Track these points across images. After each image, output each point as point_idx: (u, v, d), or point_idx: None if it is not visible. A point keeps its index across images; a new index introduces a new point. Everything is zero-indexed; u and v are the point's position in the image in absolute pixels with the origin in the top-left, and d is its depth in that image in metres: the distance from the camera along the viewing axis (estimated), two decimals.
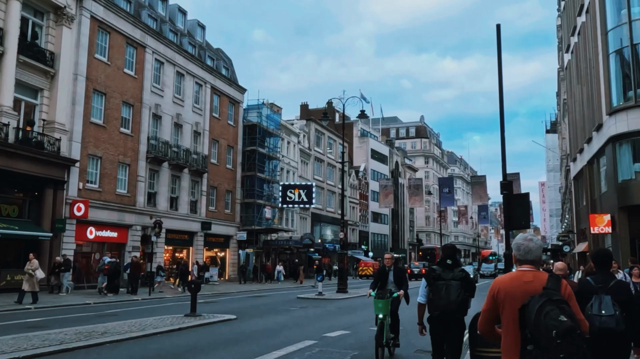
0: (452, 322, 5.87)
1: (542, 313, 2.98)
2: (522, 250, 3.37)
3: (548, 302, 3.01)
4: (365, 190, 72.84)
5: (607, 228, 22.88)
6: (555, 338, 2.89)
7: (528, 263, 3.36)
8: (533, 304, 3.04)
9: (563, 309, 2.99)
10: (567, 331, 2.90)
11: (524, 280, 3.26)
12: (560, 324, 2.91)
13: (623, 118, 21.92)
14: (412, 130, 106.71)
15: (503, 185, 12.35)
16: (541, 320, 2.96)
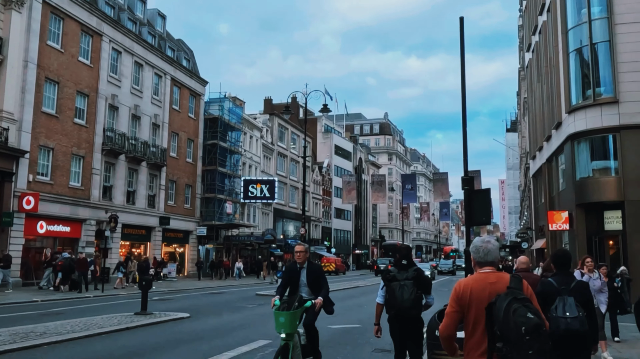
0: (408, 320, 5.99)
1: (510, 310, 3.05)
2: (482, 252, 3.44)
3: (514, 300, 3.09)
4: (329, 186, 72.66)
5: (564, 225, 23.16)
6: (525, 334, 2.97)
7: (488, 264, 3.44)
8: (500, 302, 3.11)
9: (529, 307, 3.08)
10: (535, 328, 2.99)
11: (488, 281, 3.34)
12: (529, 321, 3.00)
13: (582, 116, 22.17)
14: (376, 127, 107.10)
15: (464, 180, 12.15)
16: (510, 317, 3.03)
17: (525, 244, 40.21)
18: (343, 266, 58.70)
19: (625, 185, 20.76)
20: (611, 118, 21.26)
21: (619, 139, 21.14)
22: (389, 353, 9.27)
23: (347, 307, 17.64)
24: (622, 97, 21.11)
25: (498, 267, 3.47)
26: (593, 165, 22.46)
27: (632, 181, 20.67)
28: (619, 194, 20.94)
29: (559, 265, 5.11)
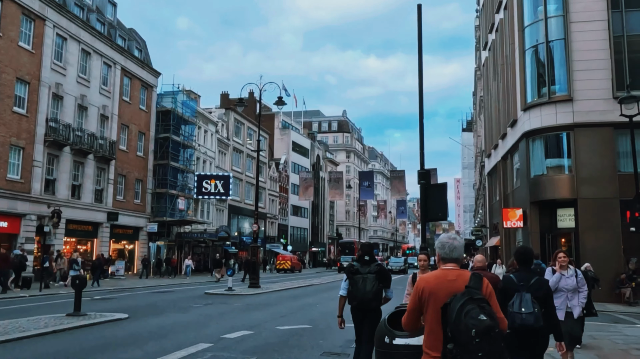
0: (369, 310, 6.42)
1: (462, 311, 3.01)
2: (447, 248, 3.40)
3: (469, 301, 3.04)
4: (286, 182, 71.84)
5: (519, 223, 23.15)
6: (475, 337, 2.93)
7: (452, 261, 3.39)
8: (455, 303, 3.07)
9: (483, 308, 3.03)
10: (486, 330, 2.94)
11: (447, 278, 3.28)
12: (480, 323, 2.95)
13: (537, 114, 22.16)
14: (334, 124, 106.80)
15: (420, 174, 11.66)
16: (461, 319, 2.99)
17: (479, 242, 40.45)
18: (299, 264, 58.02)
19: (578, 183, 20.84)
20: (565, 116, 21.31)
21: (573, 137, 21.21)
22: (339, 357, 8.67)
23: (299, 306, 17.00)
24: (577, 95, 21.19)
25: (462, 264, 3.51)
26: (547, 162, 22.51)
27: (585, 180, 20.77)
28: (572, 192, 21.01)
29: (521, 261, 5.27)
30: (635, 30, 21.38)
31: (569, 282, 7.40)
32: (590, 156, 20.85)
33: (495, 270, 17.79)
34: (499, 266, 18.79)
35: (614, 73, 20.98)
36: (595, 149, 20.84)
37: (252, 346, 9.33)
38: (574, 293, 7.42)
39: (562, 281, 7.36)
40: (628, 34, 21.32)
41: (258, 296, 20.24)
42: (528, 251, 5.44)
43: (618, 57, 21.16)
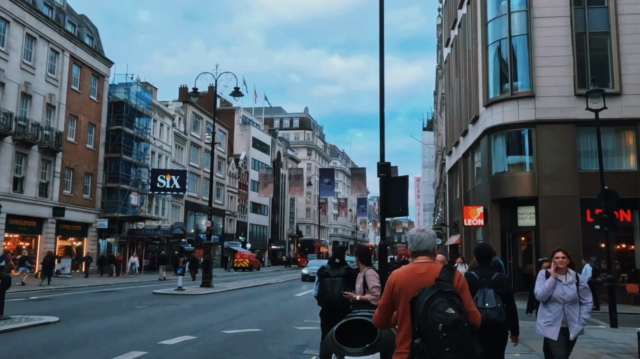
0: (337, 312, 6.46)
1: (430, 305, 2.92)
2: (415, 241, 3.34)
3: (438, 294, 2.96)
4: (245, 179, 70.49)
5: (479, 221, 22.76)
6: (442, 331, 2.84)
7: (422, 254, 3.30)
8: (423, 296, 2.98)
9: (452, 302, 2.94)
10: (453, 324, 2.86)
11: (418, 272, 3.21)
12: (447, 317, 2.86)
13: (499, 110, 21.79)
14: (296, 121, 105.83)
15: (380, 166, 10.86)
16: (428, 313, 2.90)
17: (439, 240, 40.25)
18: (257, 262, 56.98)
19: (540, 181, 20.55)
20: (527, 113, 20.99)
21: (535, 134, 20.91)
22: None
23: (252, 307, 16.04)
24: (539, 92, 20.88)
25: (433, 257, 3.33)
26: (509, 160, 22.17)
27: (546, 177, 20.48)
28: (533, 190, 20.70)
29: (481, 258, 5.42)
30: (597, 28, 21.22)
31: (568, 291, 5.61)
32: (552, 153, 20.57)
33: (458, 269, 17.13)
34: (461, 265, 18.20)
35: (576, 71, 20.76)
36: (557, 146, 20.57)
37: (191, 354, 8.36)
38: (573, 305, 5.63)
39: (557, 289, 5.61)
40: (590, 30, 21.14)
41: (209, 296, 19.16)
42: (487, 248, 5.61)
43: (580, 54, 20.95)
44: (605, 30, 21.03)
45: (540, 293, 5.69)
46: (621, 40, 20.64)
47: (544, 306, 5.74)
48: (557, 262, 5.73)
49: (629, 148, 21.06)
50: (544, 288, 5.67)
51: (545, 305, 5.72)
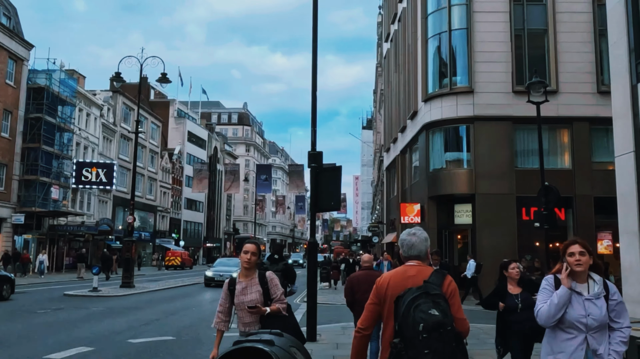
0: None
1: (413, 304, 2.85)
2: (406, 246, 3.28)
3: (424, 295, 2.89)
4: (180, 174, 68.08)
5: (416, 218, 22.20)
6: (422, 331, 2.75)
7: (413, 258, 3.25)
8: (407, 295, 2.92)
9: (437, 304, 2.85)
10: (435, 326, 2.76)
11: (408, 274, 3.17)
12: (429, 317, 2.78)
13: (438, 105, 21.31)
14: (234, 117, 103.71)
15: (311, 156, 9.89)
16: (410, 312, 2.83)
17: (376, 238, 39.88)
18: (190, 260, 54.97)
19: (477, 178, 20.19)
20: (466, 109, 20.60)
21: (473, 130, 20.54)
22: None
23: (172, 310, 14.67)
24: (477, 88, 20.53)
25: (426, 261, 3.26)
26: (447, 156, 21.74)
27: (483, 174, 20.15)
28: (471, 187, 20.33)
29: None
30: (536, 25, 21.10)
31: (593, 310, 3.41)
32: (489, 150, 20.27)
33: None
34: None
35: (514, 67, 20.54)
36: (494, 143, 20.28)
37: None
38: (600, 332, 3.44)
39: (575, 307, 3.44)
40: (528, 27, 20.99)
41: (127, 298, 17.57)
42: None
43: (518, 51, 20.76)
44: (543, 27, 20.93)
45: (546, 313, 3.48)
46: (558, 38, 20.58)
47: (552, 333, 3.56)
48: (571, 262, 3.47)
49: (564, 147, 21.06)
50: (552, 304, 3.45)
51: (554, 332, 3.53)
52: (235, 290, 4.27)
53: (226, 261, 34.06)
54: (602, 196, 20.20)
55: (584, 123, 20.36)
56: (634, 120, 7.58)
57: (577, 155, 20.35)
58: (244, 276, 4.29)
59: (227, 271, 25.25)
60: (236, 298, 4.25)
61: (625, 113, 7.78)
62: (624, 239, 7.91)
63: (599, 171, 20.29)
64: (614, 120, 8.09)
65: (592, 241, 20.09)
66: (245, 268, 4.29)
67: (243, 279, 4.29)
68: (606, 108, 20.41)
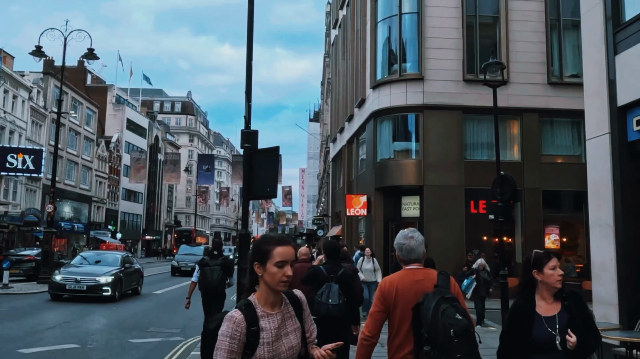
0: (215, 294, 8.29)
1: (438, 311, 2.88)
2: (405, 250, 3.26)
3: (442, 300, 2.91)
4: (118, 163, 64.93)
5: (362, 210, 21.23)
6: (454, 337, 2.81)
7: (413, 261, 3.25)
8: (428, 302, 2.94)
9: (457, 308, 2.91)
10: (463, 330, 2.83)
11: (415, 278, 3.18)
12: (458, 322, 2.84)
13: (386, 92, 20.34)
14: (178, 106, 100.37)
15: (245, 134, 8.57)
16: (438, 319, 2.87)
17: (321, 231, 38.83)
18: None
19: (425, 169, 19.36)
20: (415, 97, 19.72)
21: (422, 119, 19.69)
22: None
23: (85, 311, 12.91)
24: (427, 75, 19.69)
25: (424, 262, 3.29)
26: (395, 146, 20.84)
27: (432, 165, 19.34)
28: (419, 178, 19.49)
29: (329, 254, 5.78)
30: (487, 12, 20.45)
31: None
32: (438, 140, 19.47)
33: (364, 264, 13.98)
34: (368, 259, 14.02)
35: (465, 55, 19.80)
36: (444, 133, 19.50)
37: None
38: None
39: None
40: (480, 14, 20.31)
41: (37, 297, 15.61)
42: (335, 244, 6.03)
43: (470, 39, 20.04)
44: (495, 15, 20.29)
45: None
46: (510, 26, 19.97)
47: None
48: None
49: (514, 139, 20.52)
50: None
51: None
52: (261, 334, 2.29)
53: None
54: (550, 189, 19.87)
55: (533, 114, 19.87)
56: (610, 97, 6.69)
57: (526, 147, 19.85)
58: (272, 304, 2.39)
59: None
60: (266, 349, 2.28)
61: (600, 91, 6.89)
62: (595, 232, 7.03)
63: (548, 164, 19.89)
64: (585, 98, 7.20)
65: (540, 236, 19.67)
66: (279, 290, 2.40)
67: (271, 309, 2.38)
68: (556, 99, 20.09)
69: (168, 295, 18.11)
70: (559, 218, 20.64)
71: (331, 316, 5.14)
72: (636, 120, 6.32)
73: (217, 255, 8.47)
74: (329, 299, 5.17)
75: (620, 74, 6.53)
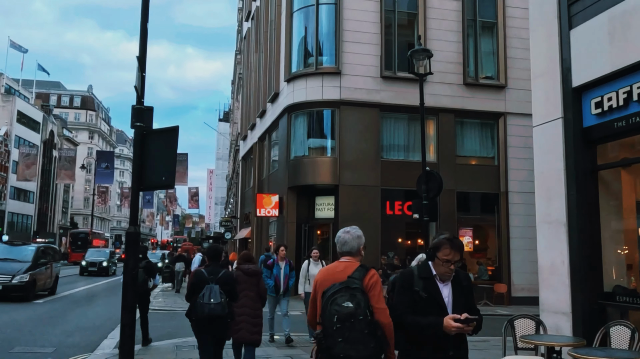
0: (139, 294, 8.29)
1: (331, 299, 3.07)
2: (340, 242, 3.48)
3: (344, 289, 3.09)
4: (6, 159, 59.21)
5: (274, 211, 19.93)
6: (336, 322, 2.99)
7: (345, 254, 3.44)
8: (329, 290, 3.12)
9: (354, 296, 3.06)
10: (347, 316, 2.99)
11: (336, 270, 3.35)
12: (342, 309, 3.01)
13: (302, 86, 19.23)
14: (77, 100, 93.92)
15: (136, 111, 7.05)
16: (328, 305, 3.07)
17: (228, 234, 37.08)
18: None
19: (341, 168, 18.43)
20: (332, 91, 18.78)
21: (338, 116, 18.77)
22: None
23: None
24: (345, 69, 18.83)
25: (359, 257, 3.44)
26: (309, 143, 19.75)
27: (348, 164, 18.45)
28: (334, 177, 18.53)
29: (211, 257, 6.22)
30: (406, 8, 19.92)
31: None
32: (355, 138, 18.63)
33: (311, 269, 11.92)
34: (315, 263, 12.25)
35: (383, 50, 19.12)
36: (360, 131, 18.69)
37: None
38: None
39: None
40: (399, 10, 19.74)
41: None
42: (217, 248, 6.53)
43: (388, 33, 19.40)
44: (413, 11, 19.80)
45: None
46: (428, 24, 19.54)
47: None
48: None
49: (429, 139, 20.05)
50: None
51: None
52: None
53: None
54: (464, 191, 19.62)
55: (449, 115, 19.56)
56: (563, 78, 5.90)
57: (442, 147, 19.48)
58: None
59: None
60: None
61: (551, 70, 6.09)
62: (544, 231, 6.22)
63: (462, 165, 19.64)
64: (533, 79, 6.40)
65: None
66: None
67: None
68: (472, 100, 19.91)
69: (51, 305, 15.86)
70: (472, 220, 20.47)
71: (214, 315, 5.52)
72: (595, 102, 5.59)
73: (141, 259, 8.92)
74: (211, 299, 5.50)
75: (575, 51, 5.77)
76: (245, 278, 6.42)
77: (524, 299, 18.95)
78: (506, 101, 19.98)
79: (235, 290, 5.92)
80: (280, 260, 9.86)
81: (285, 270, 9.83)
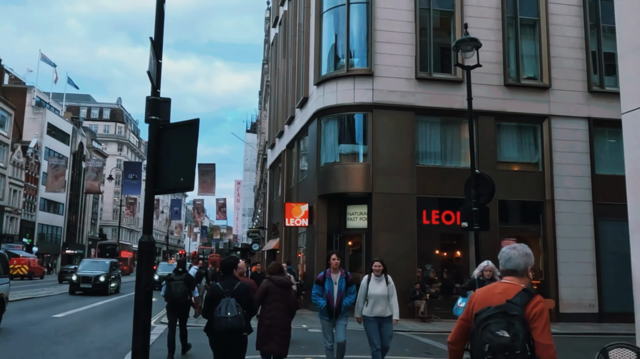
0: (179, 305, 9.30)
1: (483, 324, 2.80)
2: (503, 259, 3.13)
3: (500, 315, 2.79)
4: (36, 171, 59.77)
5: (303, 221, 18.94)
6: (487, 353, 2.72)
7: (508, 273, 3.09)
8: (483, 314, 2.86)
9: (511, 325, 2.74)
10: (500, 348, 2.69)
11: (495, 291, 3.04)
12: (496, 338, 2.72)
13: (332, 89, 18.29)
14: (106, 112, 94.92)
15: (151, 102, 6.16)
16: (479, 331, 2.81)
17: (256, 245, 36.24)
18: (41, 269, 47.67)
19: (374, 175, 17.38)
20: (364, 94, 17.80)
21: (371, 120, 17.74)
22: None
23: None
24: (377, 71, 17.84)
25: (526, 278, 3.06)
26: (341, 148, 18.76)
27: (381, 171, 17.39)
28: (367, 185, 17.48)
29: (224, 270, 5.90)
30: (442, 6, 18.90)
31: None
32: (388, 142, 17.57)
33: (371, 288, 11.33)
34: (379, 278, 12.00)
35: (418, 51, 18.08)
36: (394, 135, 17.64)
37: None
38: None
39: None
40: (434, 8, 18.71)
41: None
42: (232, 260, 6.08)
43: (423, 33, 18.38)
44: (449, 10, 18.74)
45: None
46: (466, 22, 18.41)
47: None
48: None
49: (466, 143, 18.89)
50: None
51: None
52: None
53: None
54: (504, 199, 18.28)
55: (489, 118, 18.36)
56: None
57: (482, 153, 18.24)
58: None
59: None
60: None
61: None
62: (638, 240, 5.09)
63: (504, 171, 18.35)
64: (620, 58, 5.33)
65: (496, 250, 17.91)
66: None
67: None
68: (513, 103, 18.70)
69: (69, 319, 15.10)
70: (513, 230, 19.09)
71: (231, 328, 5.36)
72: None
73: (181, 271, 9.43)
74: (228, 313, 5.34)
75: None
76: (277, 289, 6.36)
77: (573, 316, 17.60)
78: (550, 103, 18.72)
79: (252, 301, 5.81)
80: (334, 273, 7.54)
81: (341, 285, 7.47)
